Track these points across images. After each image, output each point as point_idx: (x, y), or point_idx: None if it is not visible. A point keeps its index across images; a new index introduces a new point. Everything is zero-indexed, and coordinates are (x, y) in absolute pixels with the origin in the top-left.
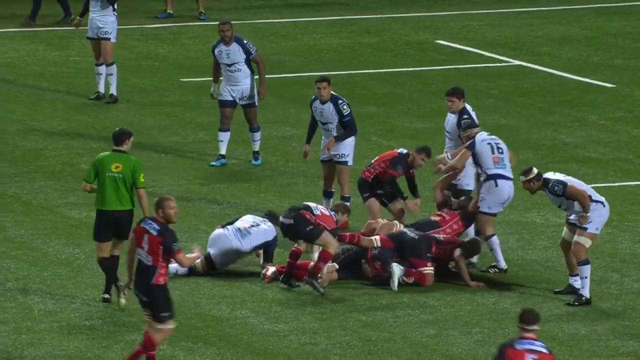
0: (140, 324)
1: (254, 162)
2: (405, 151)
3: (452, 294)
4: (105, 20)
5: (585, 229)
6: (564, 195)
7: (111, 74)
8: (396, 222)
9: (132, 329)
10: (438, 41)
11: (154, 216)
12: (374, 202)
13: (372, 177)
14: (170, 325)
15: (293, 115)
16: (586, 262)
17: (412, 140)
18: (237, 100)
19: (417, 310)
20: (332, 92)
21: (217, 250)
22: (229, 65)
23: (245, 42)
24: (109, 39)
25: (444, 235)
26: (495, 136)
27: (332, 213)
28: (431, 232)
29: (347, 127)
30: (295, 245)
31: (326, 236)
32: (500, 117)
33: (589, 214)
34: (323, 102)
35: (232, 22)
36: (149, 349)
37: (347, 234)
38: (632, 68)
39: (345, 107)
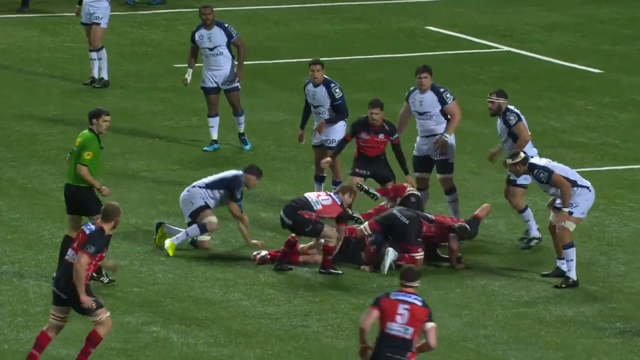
0: (133, 307)
1: (243, 146)
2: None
3: (442, 277)
4: (97, 6)
5: (571, 213)
6: (547, 183)
7: (101, 59)
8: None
9: (126, 312)
10: (428, 27)
11: (96, 222)
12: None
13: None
14: (104, 315)
15: (285, 101)
16: (571, 245)
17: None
18: (220, 86)
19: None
20: (325, 76)
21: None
22: (211, 49)
23: (226, 25)
24: (99, 24)
25: (435, 215)
26: None
27: (336, 197)
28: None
29: (338, 111)
30: (293, 235)
31: (327, 231)
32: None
33: (566, 211)
34: (316, 85)
35: (227, 8)
36: (95, 345)
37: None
38: (619, 54)
39: (337, 90)
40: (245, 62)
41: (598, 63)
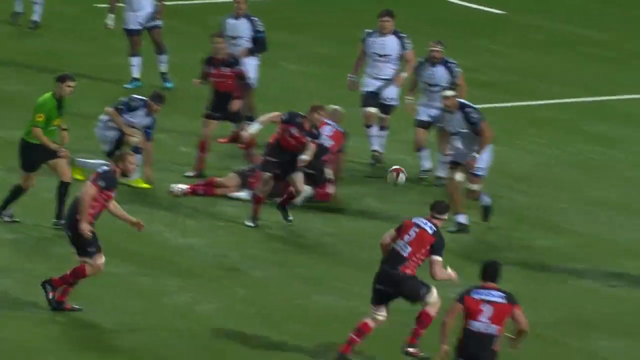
0: (63, 238)
1: (165, 84)
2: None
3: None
4: None
5: (478, 175)
6: (475, 125)
7: (36, 3)
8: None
9: (56, 243)
10: None
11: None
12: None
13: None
14: (99, 260)
15: (204, 41)
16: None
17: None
18: (144, 24)
19: (321, 223)
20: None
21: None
22: None
23: None
24: None
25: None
26: None
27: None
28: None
29: (257, 43)
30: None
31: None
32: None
33: (475, 157)
34: (237, 18)
35: None
36: (77, 278)
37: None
38: None
39: (259, 23)
40: (165, 2)
41: (501, 4)
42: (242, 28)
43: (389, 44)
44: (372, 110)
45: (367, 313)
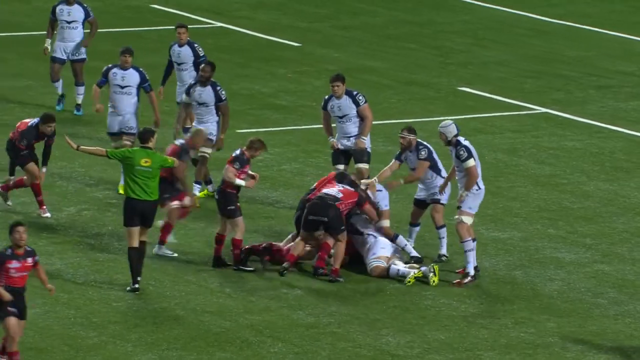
0: None
1: (76, 112)
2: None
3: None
4: None
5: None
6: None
7: None
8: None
9: None
10: (153, 5)
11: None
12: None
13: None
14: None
15: (28, 68)
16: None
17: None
18: (70, 56)
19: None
20: (188, 38)
21: None
22: (69, 23)
23: (85, 5)
24: None
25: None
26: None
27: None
28: None
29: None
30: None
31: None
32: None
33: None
34: (181, 46)
35: None
36: None
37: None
38: (314, 30)
39: (200, 49)
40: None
41: (297, 37)
42: (184, 55)
43: (344, 104)
44: (341, 167)
45: None
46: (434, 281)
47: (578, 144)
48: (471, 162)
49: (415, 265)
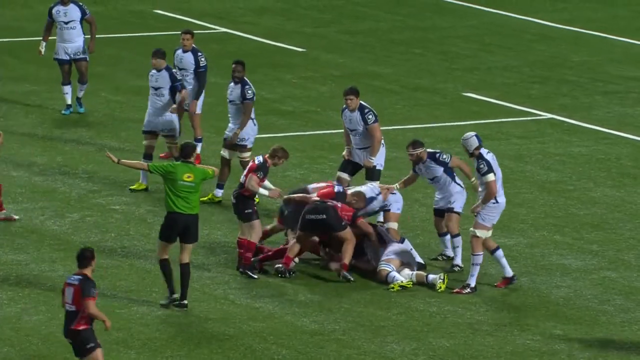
0: None
1: (79, 109)
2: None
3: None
4: None
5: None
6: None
7: None
8: None
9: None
10: (156, 11)
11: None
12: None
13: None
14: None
15: (31, 73)
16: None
17: (136, 95)
18: (72, 56)
19: (135, 233)
20: (193, 45)
21: None
22: (66, 23)
23: (81, 3)
24: None
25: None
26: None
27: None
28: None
29: (200, 78)
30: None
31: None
32: (210, 76)
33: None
34: (185, 51)
35: None
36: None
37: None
38: (319, 35)
39: (202, 59)
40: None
41: (301, 43)
42: (187, 62)
43: (354, 118)
44: (345, 175)
45: None
46: (440, 287)
47: (584, 150)
48: (490, 177)
49: (421, 272)
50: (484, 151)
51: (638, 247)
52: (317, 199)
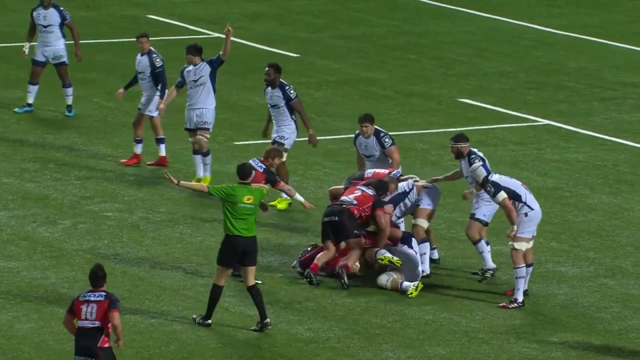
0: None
1: (67, 113)
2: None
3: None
4: None
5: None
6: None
7: None
8: None
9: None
10: (149, 16)
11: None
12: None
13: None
14: None
15: (23, 80)
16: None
17: (129, 101)
18: (50, 60)
19: (133, 246)
20: (150, 47)
21: None
22: (45, 27)
23: (61, 8)
24: None
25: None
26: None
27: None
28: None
29: (157, 79)
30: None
31: None
32: None
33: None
34: (142, 54)
35: None
36: None
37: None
38: (313, 40)
39: (158, 60)
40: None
41: (296, 48)
42: (143, 65)
43: (370, 144)
44: None
45: None
46: (412, 293)
47: (581, 156)
48: (501, 196)
49: (397, 280)
50: (492, 177)
51: (635, 255)
52: (338, 201)
